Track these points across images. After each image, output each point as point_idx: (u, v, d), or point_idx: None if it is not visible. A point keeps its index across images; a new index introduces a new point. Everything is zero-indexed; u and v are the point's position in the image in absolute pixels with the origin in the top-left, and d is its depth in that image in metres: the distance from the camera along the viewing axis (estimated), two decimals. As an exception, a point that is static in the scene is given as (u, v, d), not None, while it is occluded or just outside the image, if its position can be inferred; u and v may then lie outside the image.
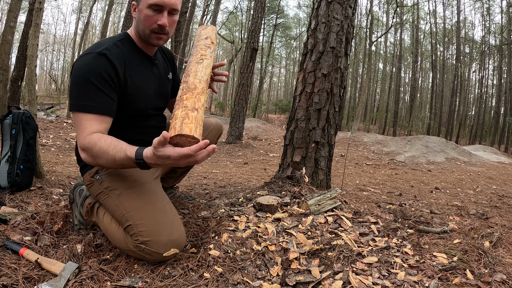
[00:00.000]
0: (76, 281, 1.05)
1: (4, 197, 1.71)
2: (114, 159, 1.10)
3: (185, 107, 1.05)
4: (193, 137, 0.98)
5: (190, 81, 1.17)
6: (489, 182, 5.33)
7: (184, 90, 1.14)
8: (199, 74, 1.22)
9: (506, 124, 21.06)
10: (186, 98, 1.09)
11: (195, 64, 1.26)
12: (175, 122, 1.01)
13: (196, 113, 1.04)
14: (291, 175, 2.25)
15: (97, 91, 1.18)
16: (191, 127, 0.99)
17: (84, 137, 1.15)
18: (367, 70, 14.96)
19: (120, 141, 1.14)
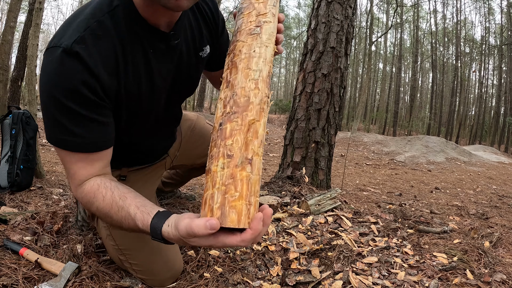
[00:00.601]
0: (76, 281, 1.05)
1: (4, 197, 1.71)
2: (121, 226, 0.78)
3: (229, 157, 0.61)
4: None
5: (238, 87, 0.68)
6: (489, 182, 5.33)
7: (227, 108, 0.66)
8: (254, 65, 0.70)
9: (506, 124, 21.06)
10: (230, 133, 0.63)
11: (246, 38, 0.74)
12: (211, 197, 0.60)
13: (250, 170, 0.61)
14: (291, 175, 2.25)
15: (76, 119, 0.75)
16: (240, 209, 0.58)
17: (75, 188, 0.82)
18: (367, 70, 14.97)
19: (126, 196, 0.78)
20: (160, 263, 1.08)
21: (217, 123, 0.66)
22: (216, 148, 0.64)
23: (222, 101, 0.69)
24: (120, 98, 0.83)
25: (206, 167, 0.65)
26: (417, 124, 26.17)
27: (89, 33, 0.74)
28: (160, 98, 0.96)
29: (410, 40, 28.41)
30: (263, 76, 0.70)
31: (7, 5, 11.57)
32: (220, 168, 0.61)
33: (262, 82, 0.69)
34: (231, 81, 0.70)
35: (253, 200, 0.60)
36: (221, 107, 0.68)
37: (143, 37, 0.83)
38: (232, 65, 0.72)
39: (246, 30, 0.75)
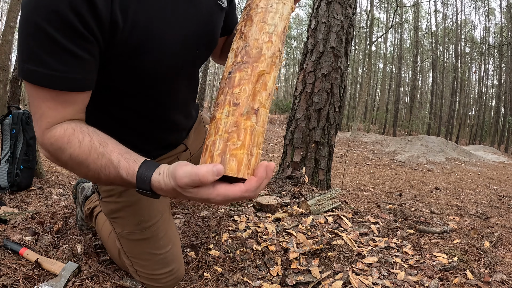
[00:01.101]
0: (76, 281, 1.05)
1: (4, 197, 1.71)
2: (99, 177, 0.66)
3: (235, 105, 0.60)
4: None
5: (252, 38, 0.66)
6: (489, 182, 5.33)
7: (238, 58, 0.65)
8: (270, 19, 0.68)
9: (506, 124, 21.07)
10: (238, 82, 0.62)
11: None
12: (212, 144, 0.58)
13: (255, 121, 0.59)
14: (291, 175, 2.25)
15: (54, 48, 0.61)
16: (240, 158, 0.56)
17: (42, 131, 0.67)
18: (367, 70, 14.97)
19: (107, 142, 0.67)
20: (165, 272, 1.08)
21: (226, 72, 0.65)
22: (222, 95, 0.62)
23: (234, 51, 0.67)
24: (115, 29, 0.67)
25: (211, 115, 0.64)
26: (417, 124, 26.18)
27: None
28: (175, 42, 0.78)
29: (410, 40, 28.43)
30: (277, 31, 0.68)
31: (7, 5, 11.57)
32: (224, 115, 0.59)
33: (276, 37, 0.67)
34: (245, 33, 0.68)
35: (255, 151, 0.58)
36: (232, 57, 0.67)
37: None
38: (248, 17, 0.70)
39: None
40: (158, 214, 1.06)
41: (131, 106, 0.87)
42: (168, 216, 1.11)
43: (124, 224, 1.03)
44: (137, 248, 1.05)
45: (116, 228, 1.06)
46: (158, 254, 1.06)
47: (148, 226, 1.03)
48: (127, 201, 1.00)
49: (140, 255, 1.06)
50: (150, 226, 1.03)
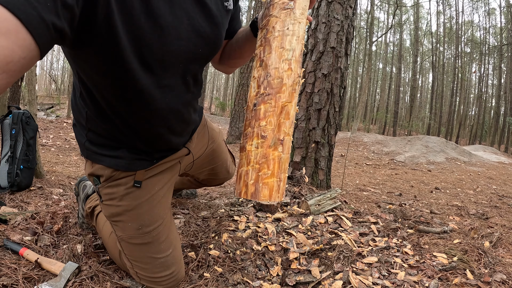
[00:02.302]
0: (76, 281, 1.05)
1: (4, 197, 1.71)
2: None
3: (263, 138, 0.65)
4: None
5: (272, 67, 0.68)
6: (489, 182, 5.33)
7: (261, 89, 0.68)
8: (288, 44, 0.69)
9: (506, 124, 21.07)
10: (264, 114, 0.66)
11: (280, 14, 0.72)
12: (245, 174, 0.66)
13: (281, 150, 0.65)
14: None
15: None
16: (271, 186, 0.64)
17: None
18: (367, 70, 14.96)
19: None
20: (165, 275, 1.08)
21: (251, 103, 0.70)
22: (250, 128, 0.68)
23: (256, 80, 0.71)
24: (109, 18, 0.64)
25: (241, 145, 0.70)
26: (417, 124, 26.19)
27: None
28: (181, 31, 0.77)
29: (410, 40, 28.43)
30: (296, 56, 0.71)
31: (7, 5, 11.51)
32: (254, 147, 0.66)
33: (295, 62, 0.71)
34: (265, 61, 0.71)
35: (283, 176, 0.67)
36: (255, 86, 0.71)
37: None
38: (266, 42, 0.72)
39: (279, 4, 0.73)
40: (159, 219, 1.05)
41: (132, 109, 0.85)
42: (169, 220, 1.11)
43: (125, 228, 1.03)
44: (138, 252, 1.05)
45: (117, 231, 1.06)
46: (159, 258, 1.05)
47: (149, 230, 1.02)
48: (128, 205, 1.00)
49: (140, 258, 1.06)
50: (151, 231, 1.03)
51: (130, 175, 1.00)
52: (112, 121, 0.88)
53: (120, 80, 0.76)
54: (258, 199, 0.65)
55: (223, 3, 0.88)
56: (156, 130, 0.93)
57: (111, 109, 0.85)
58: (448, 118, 24.20)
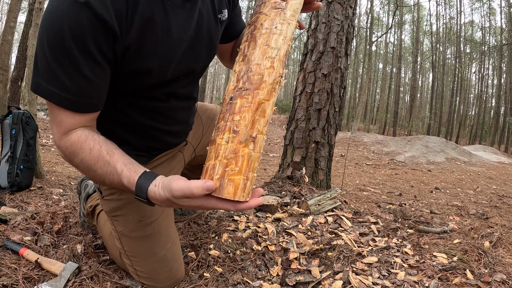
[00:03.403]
0: (76, 281, 1.05)
1: (4, 197, 1.71)
2: (103, 181, 0.76)
3: (235, 132, 0.64)
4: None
5: (254, 63, 0.68)
6: (489, 182, 5.33)
7: (240, 83, 0.68)
8: (274, 42, 0.70)
9: (506, 124, 21.07)
10: (239, 109, 0.65)
11: (270, 12, 0.72)
12: (212, 168, 0.63)
13: (252, 148, 0.64)
14: (291, 175, 2.25)
15: (71, 71, 0.70)
16: (237, 183, 0.62)
17: (59, 136, 0.76)
18: (367, 70, 14.97)
19: (113, 152, 0.76)
20: (164, 272, 1.08)
21: (228, 96, 0.68)
22: (223, 121, 0.66)
23: (236, 74, 0.69)
24: (134, 52, 0.77)
25: (212, 137, 0.68)
26: (417, 124, 26.18)
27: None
28: (179, 53, 0.87)
29: (410, 40, 28.43)
30: (280, 55, 0.70)
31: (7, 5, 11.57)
32: (224, 141, 0.64)
33: (278, 61, 0.69)
34: (248, 56, 0.69)
35: (251, 175, 0.64)
36: (234, 80, 0.69)
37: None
38: (252, 38, 0.71)
39: (271, 3, 0.73)
40: (160, 210, 1.07)
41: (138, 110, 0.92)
42: (168, 212, 1.13)
43: (126, 221, 1.04)
44: (138, 246, 1.06)
45: (117, 227, 1.06)
46: (158, 252, 1.06)
47: (149, 222, 1.04)
48: (129, 197, 1.01)
49: (140, 253, 1.06)
50: (151, 222, 1.05)
51: None
52: (116, 121, 0.94)
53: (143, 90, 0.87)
54: (222, 196, 0.61)
55: (216, 17, 0.95)
56: (157, 133, 1.01)
57: (116, 112, 0.91)
58: (448, 118, 24.20)
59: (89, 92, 0.74)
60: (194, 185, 0.61)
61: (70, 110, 0.74)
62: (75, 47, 0.67)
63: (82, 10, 0.66)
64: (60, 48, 0.67)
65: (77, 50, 0.68)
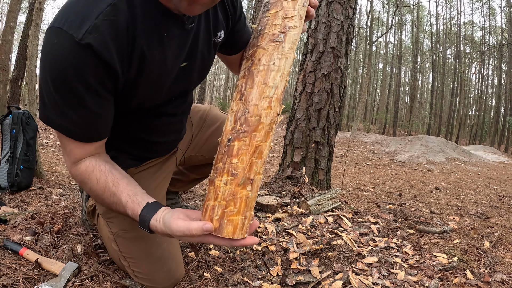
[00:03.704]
0: (76, 281, 1.05)
1: (4, 197, 1.71)
2: (111, 208, 0.81)
3: (233, 175, 0.64)
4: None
5: (252, 104, 0.68)
6: (489, 182, 5.33)
7: (238, 125, 0.67)
8: (271, 80, 0.69)
9: (506, 124, 21.07)
10: (237, 152, 0.65)
11: (268, 46, 0.71)
12: (212, 208, 0.65)
13: (249, 189, 0.65)
14: (291, 175, 2.25)
15: (77, 107, 0.73)
16: (236, 223, 0.64)
17: (70, 165, 0.82)
18: (367, 70, 14.97)
19: (119, 182, 0.79)
20: (163, 272, 1.08)
21: (226, 138, 0.68)
22: (221, 163, 0.67)
23: (234, 114, 0.69)
24: (130, 86, 0.81)
25: (210, 177, 0.69)
26: (417, 124, 26.19)
27: (102, 19, 0.68)
28: (171, 79, 0.90)
29: (411, 40, 28.43)
30: (278, 93, 0.69)
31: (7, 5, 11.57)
32: (223, 183, 0.65)
33: (276, 101, 0.69)
34: (245, 95, 0.69)
35: (248, 214, 0.66)
36: (231, 120, 0.69)
37: (158, 21, 0.77)
38: (249, 75, 0.71)
39: (269, 35, 0.73)
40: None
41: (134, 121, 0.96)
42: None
43: (120, 222, 1.05)
44: (134, 247, 1.06)
45: (112, 229, 1.07)
46: (155, 252, 1.06)
47: None
48: None
49: (137, 254, 1.06)
50: None
51: None
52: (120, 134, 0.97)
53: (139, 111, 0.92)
54: (221, 235, 0.64)
55: (210, 40, 0.95)
56: (149, 144, 1.06)
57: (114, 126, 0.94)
58: (448, 118, 24.19)
59: (96, 123, 0.79)
60: (194, 227, 0.65)
61: (79, 141, 0.78)
62: (79, 85, 0.70)
63: (84, 51, 0.67)
64: (65, 87, 0.70)
65: (81, 87, 0.70)
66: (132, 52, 0.76)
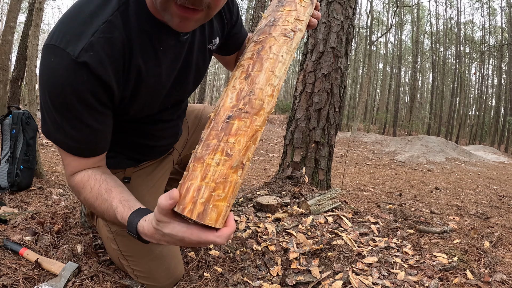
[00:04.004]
0: (76, 281, 1.05)
1: (4, 197, 1.71)
2: (104, 217, 0.80)
3: (228, 156, 0.60)
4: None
5: (258, 87, 0.66)
6: (489, 182, 5.33)
7: (241, 104, 0.65)
8: (278, 71, 0.70)
9: (506, 124, 21.07)
10: (235, 131, 0.62)
11: (280, 38, 0.72)
12: (197, 189, 0.58)
13: (240, 175, 0.61)
14: (291, 175, 2.25)
15: (75, 123, 0.74)
16: (220, 210, 0.58)
17: (67, 176, 0.84)
18: (367, 70, 14.97)
19: (112, 190, 0.78)
20: (162, 270, 1.08)
21: (224, 114, 0.64)
22: (216, 139, 0.61)
23: (237, 92, 0.66)
24: (127, 101, 0.83)
25: (196, 154, 0.62)
26: (417, 124, 26.18)
27: (98, 37, 0.69)
28: (166, 90, 0.91)
29: (411, 40, 28.42)
30: (279, 85, 0.70)
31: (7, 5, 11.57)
32: (215, 162, 0.59)
33: (277, 92, 0.69)
34: (252, 77, 0.68)
35: (231, 202, 0.61)
36: (233, 97, 0.66)
37: (153, 35, 0.78)
38: (258, 58, 0.70)
39: (282, 28, 0.74)
40: (150, 207, 1.08)
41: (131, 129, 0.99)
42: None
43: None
44: (133, 244, 1.06)
45: (111, 227, 1.07)
46: (154, 249, 1.06)
47: None
48: None
49: (135, 252, 1.06)
50: None
51: (119, 171, 1.08)
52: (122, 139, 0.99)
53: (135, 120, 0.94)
54: (204, 222, 0.57)
55: (205, 48, 0.96)
56: (145, 148, 1.08)
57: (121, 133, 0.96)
58: (448, 118, 24.18)
59: (94, 139, 0.80)
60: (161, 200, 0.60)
61: (76, 155, 0.80)
62: (77, 102, 0.71)
63: (81, 69, 0.68)
64: (62, 104, 0.71)
65: (79, 104, 0.71)
66: (129, 69, 0.77)
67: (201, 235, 0.60)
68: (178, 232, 0.61)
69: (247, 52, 0.74)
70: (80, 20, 0.69)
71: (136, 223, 0.69)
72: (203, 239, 0.61)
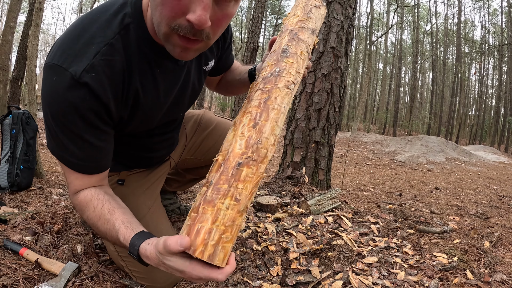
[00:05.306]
0: (76, 281, 1.05)
1: (4, 197, 1.71)
2: (106, 238, 0.81)
3: (236, 201, 0.63)
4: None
5: (264, 137, 0.69)
6: (489, 182, 5.33)
7: (249, 152, 0.67)
8: (280, 122, 0.74)
9: (506, 124, 21.06)
10: (244, 178, 0.65)
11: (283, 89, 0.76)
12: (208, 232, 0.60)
13: (243, 218, 0.65)
14: (291, 175, 2.25)
15: (78, 141, 0.77)
16: (227, 251, 0.61)
17: (70, 194, 0.86)
18: (367, 70, 14.97)
19: (115, 210, 0.79)
20: (160, 271, 1.06)
21: (234, 159, 0.67)
22: (227, 185, 0.64)
23: (245, 140, 0.69)
24: (124, 121, 0.85)
25: (207, 197, 0.64)
26: (417, 124, 26.18)
27: (99, 59, 0.72)
28: (163, 112, 0.95)
29: (411, 40, 28.42)
30: (278, 136, 0.73)
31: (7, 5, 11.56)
32: (225, 207, 0.62)
33: (277, 141, 0.72)
34: (259, 126, 0.70)
35: (233, 242, 0.64)
36: (242, 145, 0.68)
37: (151, 58, 0.81)
38: (265, 107, 0.73)
39: (285, 80, 0.78)
40: (145, 208, 1.11)
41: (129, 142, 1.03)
42: (156, 210, 1.15)
43: None
44: None
45: None
46: None
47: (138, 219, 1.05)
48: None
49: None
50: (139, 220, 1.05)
51: (113, 174, 1.10)
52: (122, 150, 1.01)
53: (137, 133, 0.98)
54: (213, 262, 0.59)
55: (201, 70, 1.00)
56: (141, 158, 1.12)
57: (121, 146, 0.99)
58: (448, 118, 24.18)
59: (96, 156, 0.82)
60: (170, 240, 0.61)
61: (79, 173, 0.82)
62: (79, 120, 0.73)
63: (81, 89, 0.71)
64: (64, 122, 0.73)
65: (80, 122, 0.74)
66: (127, 94, 0.80)
67: (204, 272, 0.61)
68: (179, 266, 0.62)
69: (253, 100, 0.76)
70: (82, 41, 0.71)
71: (139, 245, 0.70)
72: (205, 276, 0.62)
